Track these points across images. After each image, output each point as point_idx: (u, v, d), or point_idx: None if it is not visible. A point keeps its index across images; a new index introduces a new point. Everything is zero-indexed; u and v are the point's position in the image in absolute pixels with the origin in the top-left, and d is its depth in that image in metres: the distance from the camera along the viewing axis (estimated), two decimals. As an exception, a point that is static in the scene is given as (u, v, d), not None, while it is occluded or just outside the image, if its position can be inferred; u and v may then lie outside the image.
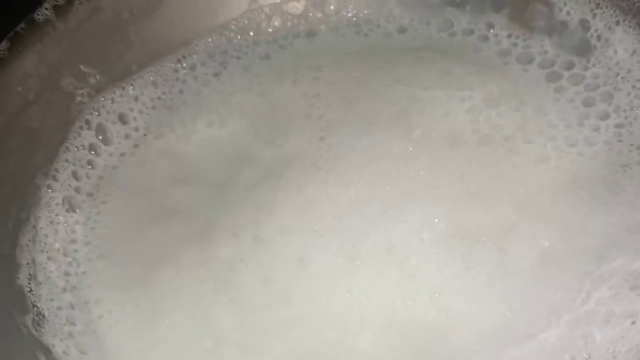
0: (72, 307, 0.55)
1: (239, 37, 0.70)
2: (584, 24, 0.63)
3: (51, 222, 0.58)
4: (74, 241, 0.59)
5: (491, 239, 0.55)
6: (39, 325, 0.52)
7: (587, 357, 0.50)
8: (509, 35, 0.66)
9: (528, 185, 0.57)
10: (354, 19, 0.70)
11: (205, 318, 0.55)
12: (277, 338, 0.54)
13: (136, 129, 0.65)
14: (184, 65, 0.68)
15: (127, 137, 0.65)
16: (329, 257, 0.56)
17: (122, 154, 0.64)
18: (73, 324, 0.54)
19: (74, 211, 0.60)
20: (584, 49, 0.63)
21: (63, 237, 0.58)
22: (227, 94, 0.67)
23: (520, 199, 0.57)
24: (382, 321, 0.54)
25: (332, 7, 0.70)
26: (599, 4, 0.62)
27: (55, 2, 0.60)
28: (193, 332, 0.55)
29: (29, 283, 0.54)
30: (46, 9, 0.60)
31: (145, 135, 0.65)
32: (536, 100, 0.62)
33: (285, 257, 0.56)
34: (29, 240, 0.56)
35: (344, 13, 0.70)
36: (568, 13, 0.63)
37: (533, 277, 0.54)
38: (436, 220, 0.56)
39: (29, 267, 0.55)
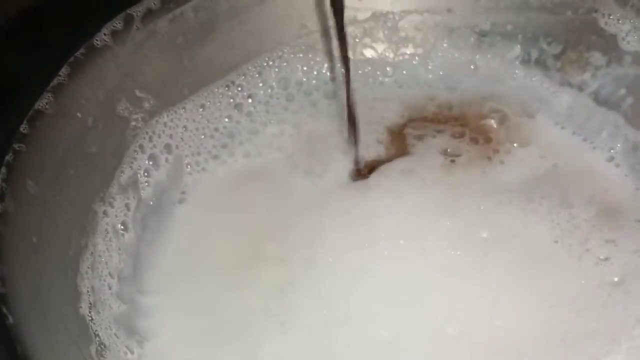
0: (130, 335, 0.55)
1: (285, 63, 0.70)
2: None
3: (107, 249, 0.58)
4: (129, 267, 0.59)
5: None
6: (102, 356, 0.52)
7: None
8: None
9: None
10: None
11: (257, 343, 0.55)
12: (340, 356, 0.53)
13: (181, 159, 0.65)
14: (232, 90, 0.68)
15: (176, 162, 0.65)
16: (389, 269, 0.56)
17: (172, 179, 0.64)
18: (132, 352, 0.54)
19: (129, 236, 0.60)
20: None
21: (119, 263, 0.58)
22: (262, 123, 0.68)
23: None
24: (450, 327, 0.54)
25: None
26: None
27: (113, 28, 0.60)
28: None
29: (90, 312, 0.53)
30: (105, 34, 0.60)
31: (188, 165, 0.65)
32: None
33: (340, 275, 0.56)
34: (88, 267, 0.56)
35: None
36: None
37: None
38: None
39: (89, 295, 0.54)
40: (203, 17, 0.65)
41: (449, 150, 0.65)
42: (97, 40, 0.60)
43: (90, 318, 0.53)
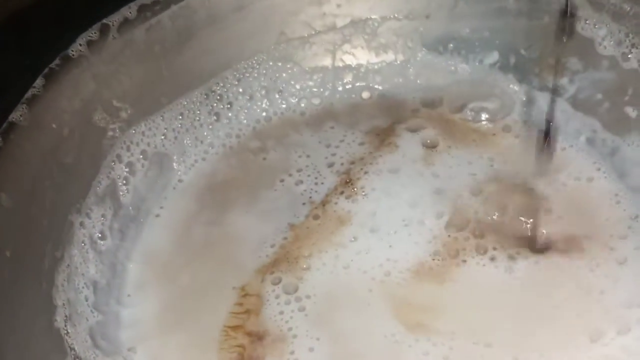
0: (108, 347, 0.55)
1: (265, 71, 0.70)
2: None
3: (84, 260, 0.58)
4: (106, 277, 0.59)
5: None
6: (77, 369, 0.52)
7: None
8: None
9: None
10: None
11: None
12: None
13: (159, 168, 0.65)
14: (211, 98, 0.68)
15: (155, 172, 0.65)
16: None
17: (150, 189, 0.64)
18: (109, 366, 0.54)
19: (106, 246, 0.59)
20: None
21: (95, 274, 0.58)
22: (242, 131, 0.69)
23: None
24: None
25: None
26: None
27: (89, 37, 0.60)
28: None
29: (65, 325, 0.53)
30: (80, 44, 0.60)
31: (166, 174, 0.66)
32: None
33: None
34: (64, 279, 0.55)
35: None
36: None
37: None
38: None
39: (65, 307, 0.54)
40: (180, 25, 0.65)
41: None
42: (72, 50, 0.59)
43: (65, 331, 0.53)
